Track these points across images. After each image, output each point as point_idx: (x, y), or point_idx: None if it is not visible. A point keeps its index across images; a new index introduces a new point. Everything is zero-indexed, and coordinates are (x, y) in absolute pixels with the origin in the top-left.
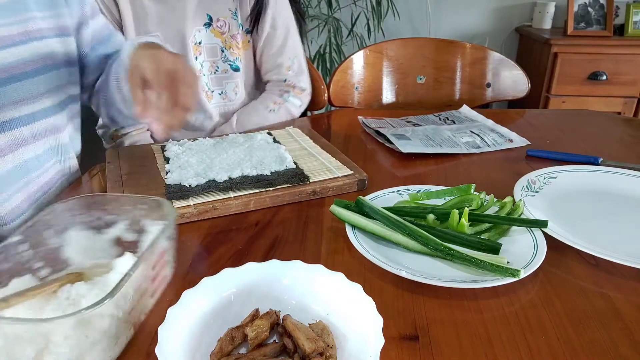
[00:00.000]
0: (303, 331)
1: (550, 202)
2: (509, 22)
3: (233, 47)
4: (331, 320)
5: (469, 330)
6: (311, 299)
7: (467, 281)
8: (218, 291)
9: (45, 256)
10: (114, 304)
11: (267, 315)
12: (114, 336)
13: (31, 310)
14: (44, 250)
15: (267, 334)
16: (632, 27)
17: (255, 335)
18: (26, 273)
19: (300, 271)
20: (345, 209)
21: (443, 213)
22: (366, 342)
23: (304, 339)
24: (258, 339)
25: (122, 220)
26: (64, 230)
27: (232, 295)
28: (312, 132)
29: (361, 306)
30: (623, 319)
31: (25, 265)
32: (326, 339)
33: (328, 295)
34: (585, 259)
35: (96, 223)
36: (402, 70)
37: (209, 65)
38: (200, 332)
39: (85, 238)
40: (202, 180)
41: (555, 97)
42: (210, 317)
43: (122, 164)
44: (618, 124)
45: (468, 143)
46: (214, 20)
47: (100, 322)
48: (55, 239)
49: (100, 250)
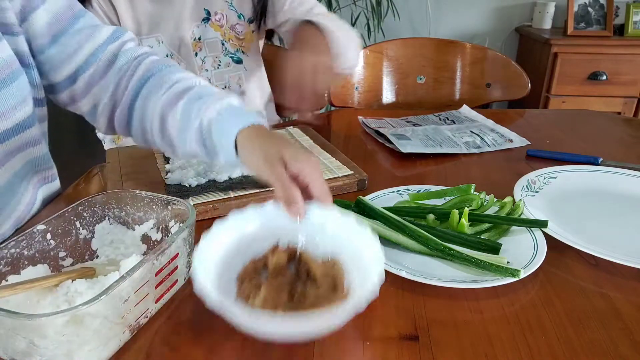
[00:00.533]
0: (316, 263)
1: (550, 202)
2: (509, 22)
3: (233, 38)
4: (341, 257)
5: (469, 330)
6: (324, 237)
7: (467, 281)
8: (243, 225)
9: (71, 246)
10: (105, 305)
11: (287, 249)
12: (104, 338)
13: (28, 301)
14: (70, 240)
15: (284, 264)
16: (632, 27)
17: (275, 264)
18: (44, 262)
19: (316, 212)
20: (346, 209)
21: (443, 213)
22: (368, 279)
23: (316, 268)
24: (277, 268)
25: (150, 219)
26: (96, 223)
27: (256, 230)
28: (312, 132)
29: (367, 246)
30: (623, 319)
31: (50, 254)
32: (336, 273)
33: (339, 235)
34: (585, 259)
35: (128, 218)
36: (402, 70)
37: (212, 60)
38: (228, 259)
39: (114, 232)
40: (202, 180)
41: (555, 97)
42: (236, 247)
43: (122, 164)
44: (618, 124)
45: (468, 143)
46: (212, 14)
47: (91, 322)
48: (85, 230)
49: (129, 246)
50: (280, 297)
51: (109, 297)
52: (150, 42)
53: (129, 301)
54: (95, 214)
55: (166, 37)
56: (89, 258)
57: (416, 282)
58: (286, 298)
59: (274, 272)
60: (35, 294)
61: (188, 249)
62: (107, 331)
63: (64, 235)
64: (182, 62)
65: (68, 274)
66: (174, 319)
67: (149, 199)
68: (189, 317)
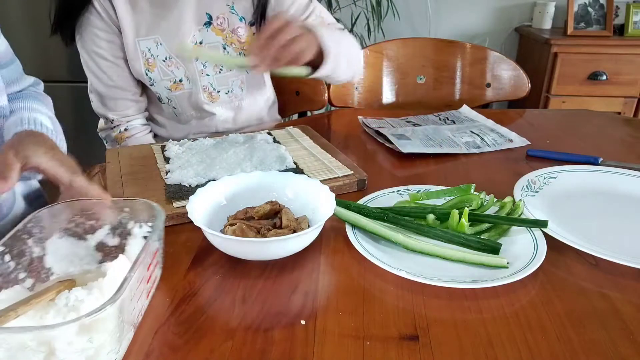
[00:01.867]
0: (288, 215)
1: (550, 202)
2: (509, 22)
3: (235, 42)
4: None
5: (469, 330)
6: (299, 195)
7: (467, 281)
8: (232, 186)
9: (28, 266)
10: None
11: (271, 202)
12: (118, 339)
13: (33, 320)
14: (26, 260)
15: (265, 211)
16: (632, 27)
17: (258, 209)
18: (12, 284)
19: (292, 179)
20: (345, 209)
21: (443, 213)
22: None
23: (285, 218)
24: (259, 213)
25: (104, 225)
26: (46, 239)
27: (243, 189)
28: (312, 132)
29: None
30: (623, 319)
31: (10, 277)
32: (302, 222)
33: (308, 195)
34: (585, 259)
35: (78, 229)
36: (402, 70)
37: (213, 65)
38: (219, 208)
39: (66, 246)
40: (202, 180)
41: (555, 97)
42: (227, 200)
43: (122, 164)
44: (618, 124)
45: (468, 143)
46: (214, 18)
47: (104, 325)
48: (37, 248)
49: (83, 257)
50: (246, 232)
51: (126, 293)
52: (148, 44)
53: (134, 298)
54: (43, 229)
55: (166, 40)
56: (45, 277)
57: (416, 282)
58: (252, 235)
59: (255, 217)
60: (33, 314)
61: (162, 245)
62: (120, 332)
63: (19, 255)
64: (181, 66)
65: (57, 288)
66: (174, 319)
67: (100, 205)
68: (189, 317)
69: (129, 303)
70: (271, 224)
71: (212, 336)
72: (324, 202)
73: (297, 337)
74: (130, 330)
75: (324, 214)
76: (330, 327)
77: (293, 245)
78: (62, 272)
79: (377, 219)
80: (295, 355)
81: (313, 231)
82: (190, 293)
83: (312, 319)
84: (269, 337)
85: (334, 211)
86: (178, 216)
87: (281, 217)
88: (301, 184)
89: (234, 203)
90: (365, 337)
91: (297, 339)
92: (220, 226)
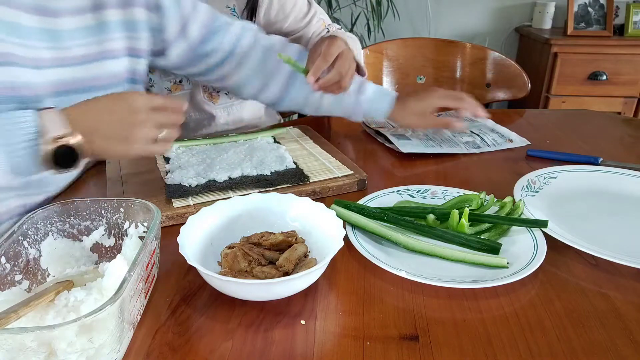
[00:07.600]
0: (291, 254)
1: (550, 202)
2: (509, 22)
3: None
4: (307, 234)
5: (469, 330)
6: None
7: (467, 281)
8: (228, 211)
9: (24, 268)
10: (119, 305)
11: (288, 234)
12: (118, 339)
13: (32, 321)
14: (22, 261)
15: (276, 241)
16: (632, 27)
17: (270, 237)
18: (9, 286)
19: (290, 201)
20: (345, 209)
21: (443, 213)
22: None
23: (285, 256)
24: (268, 242)
25: (100, 226)
26: (41, 240)
27: (239, 215)
28: (312, 132)
29: (330, 222)
30: (623, 319)
31: (7, 279)
32: (303, 267)
33: (307, 217)
34: (585, 259)
35: (73, 231)
36: (402, 70)
37: None
38: (212, 236)
39: (62, 247)
40: (202, 180)
41: (555, 97)
42: (222, 228)
43: (122, 164)
44: (618, 124)
45: (468, 143)
46: None
47: (104, 325)
48: (33, 250)
49: (79, 259)
50: (238, 260)
51: (126, 293)
52: None
53: (133, 297)
54: (39, 231)
55: None
56: (41, 279)
57: (416, 282)
58: (243, 264)
59: (265, 245)
60: (33, 315)
61: (159, 245)
62: (120, 331)
63: (15, 257)
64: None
65: (55, 289)
66: (174, 319)
67: (95, 206)
68: (189, 316)
69: (128, 303)
70: (272, 258)
71: (212, 336)
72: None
73: (297, 337)
74: (130, 330)
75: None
76: (330, 327)
77: (271, 290)
78: (59, 273)
79: (377, 219)
80: (295, 355)
81: (300, 278)
82: (190, 293)
83: (312, 319)
84: (269, 337)
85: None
86: (178, 216)
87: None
88: (328, 219)
89: (253, 220)
90: (365, 337)
91: (297, 339)
92: (235, 239)
